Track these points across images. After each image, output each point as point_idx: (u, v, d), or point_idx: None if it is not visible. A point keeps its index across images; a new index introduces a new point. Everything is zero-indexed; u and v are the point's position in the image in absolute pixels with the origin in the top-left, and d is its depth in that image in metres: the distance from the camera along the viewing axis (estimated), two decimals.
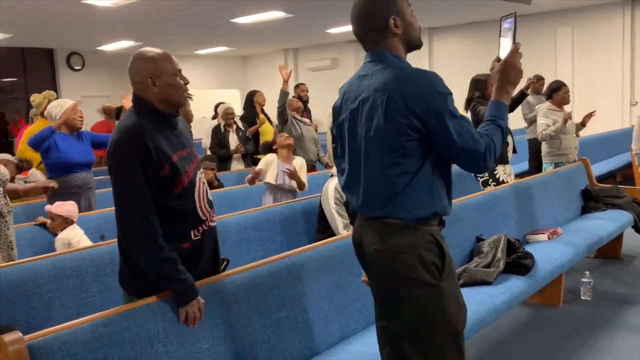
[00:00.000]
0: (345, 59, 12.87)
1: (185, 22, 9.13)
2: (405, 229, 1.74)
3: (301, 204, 3.95)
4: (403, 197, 1.73)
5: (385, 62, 1.79)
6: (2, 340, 1.63)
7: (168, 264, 1.90)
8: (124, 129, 1.92)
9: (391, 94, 1.70)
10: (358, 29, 1.88)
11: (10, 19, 8.14)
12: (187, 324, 1.96)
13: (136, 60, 1.98)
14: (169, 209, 1.94)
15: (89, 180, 3.93)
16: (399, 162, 1.72)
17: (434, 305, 1.74)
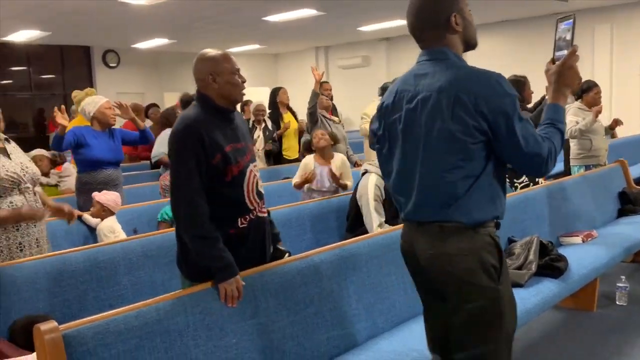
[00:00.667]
0: (376, 57, 12.81)
1: (218, 20, 9.22)
2: (464, 232, 1.71)
3: (330, 202, 3.95)
4: (464, 201, 1.69)
5: (447, 60, 1.75)
6: (39, 329, 1.68)
7: (208, 241, 2.02)
8: (182, 119, 2.09)
9: (459, 94, 1.65)
10: (416, 25, 1.82)
11: (50, 18, 8.37)
12: (226, 302, 2.04)
13: (199, 60, 2.16)
14: (220, 195, 2.07)
15: (116, 176, 4.01)
16: (462, 165, 1.68)
17: (491, 310, 1.72)
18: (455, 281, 1.72)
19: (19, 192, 2.61)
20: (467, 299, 1.72)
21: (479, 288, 1.70)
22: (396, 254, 2.71)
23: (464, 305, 1.72)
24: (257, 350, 2.09)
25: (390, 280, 2.65)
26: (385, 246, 2.70)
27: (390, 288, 2.63)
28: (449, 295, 1.76)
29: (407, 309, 2.66)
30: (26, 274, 2.52)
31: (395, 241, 2.73)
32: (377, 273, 2.60)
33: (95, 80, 12.13)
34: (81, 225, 3.61)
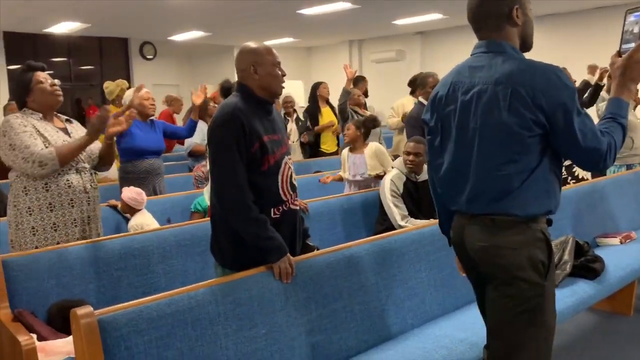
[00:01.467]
0: (411, 51, 12.67)
1: (254, 13, 9.27)
2: (516, 226, 1.71)
3: (361, 196, 3.94)
4: (518, 194, 1.69)
5: (504, 53, 1.74)
6: (75, 314, 1.73)
7: (259, 223, 2.07)
8: (224, 107, 2.13)
9: (516, 87, 1.64)
10: (477, 13, 1.80)
11: (90, 10, 8.55)
12: (282, 279, 2.11)
13: (242, 51, 2.20)
14: (255, 184, 2.10)
15: (158, 166, 4.08)
16: (517, 158, 1.67)
17: (536, 305, 1.72)
18: (503, 274, 1.72)
19: (75, 172, 2.69)
20: (513, 292, 1.72)
21: (526, 283, 1.70)
22: (427, 250, 2.70)
23: (509, 299, 1.73)
24: (285, 341, 2.10)
25: (421, 277, 2.63)
26: (417, 242, 2.68)
27: (420, 284, 2.62)
28: (496, 287, 1.76)
29: (437, 306, 2.64)
30: (64, 259, 2.59)
31: (427, 237, 2.73)
32: (407, 269, 2.59)
33: (132, 71, 12.36)
34: (116, 214, 3.69)
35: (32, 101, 2.68)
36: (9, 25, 10.02)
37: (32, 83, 2.67)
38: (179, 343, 1.85)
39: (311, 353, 2.16)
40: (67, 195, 2.65)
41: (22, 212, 2.61)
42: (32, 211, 2.61)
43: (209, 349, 1.91)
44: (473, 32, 1.86)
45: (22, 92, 2.68)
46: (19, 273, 2.49)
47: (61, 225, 2.66)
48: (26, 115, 2.64)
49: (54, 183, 2.62)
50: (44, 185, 2.61)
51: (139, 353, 1.78)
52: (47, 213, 2.63)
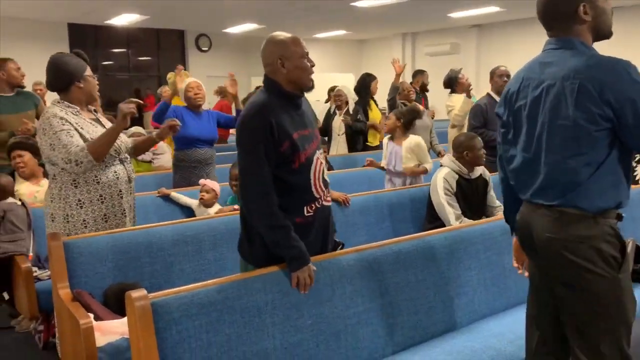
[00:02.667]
0: (466, 44, 12.41)
1: (308, 6, 9.30)
2: (584, 220, 1.72)
3: (410, 192, 3.90)
4: (586, 187, 1.70)
5: (574, 50, 1.75)
6: (130, 296, 1.79)
7: (282, 230, 2.01)
8: (252, 105, 2.05)
9: (583, 82, 1.66)
10: (544, 14, 1.84)
11: (149, 2, 8.80)
12: (299, 289, 2.06)
13: (268, 44, 2.11)
14: (286, 182, 2.04)
15: (210, 155, 4.17)
16: (585, 151, 1.69)
17: (610, 298, 1.71)
18: (572, 267, 1.73)
19: (120, 162, 2.77)
20: (584, 286, 1.72)
21: (597, 275, 1.70)
22: (478, 248, 2.65)
23: (580, 292, 1.73)
24: (331, 333, 2.11)
25: (470, 275, 2.58)
26: (467, 240, 2.63)
27: (469, 283, 2.57)
28: (565, 280, 1.77)
29: (486, 306, 2.59)
30: (120, 243, 2.69)
31: (478, 236, 2.68)
32: (456, 267, 2.54)
33: (188, 63, 12.65)
34: (170, 201, 3.79)
35: (80, 89, 2.68)
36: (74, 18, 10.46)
37: (86, 72, 2.71)
38: (228, 329, 1.90)
39: (356, 346, 2.16)
40: (115, 186, 2.71)
41: (72, 205, 2.65)
42: (82, 204, 2.65)
43: (256, 337, 1.94)
44: (531, 25, 1.87)
45: (72, 76, 2.66)
46: (79, 255, 2.60)
47: (111, 216, 2.74)
48: (64, 109, 2.65)
49: (104, 175, 2.67)
50: (94, 177, 2.65)
51: (189, 337, 1.83)
52: (98, 205, 2.68)
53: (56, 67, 2.68)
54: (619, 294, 1.72)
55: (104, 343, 2.24)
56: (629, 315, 1.75)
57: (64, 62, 2.68)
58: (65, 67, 2.68)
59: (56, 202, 2.67)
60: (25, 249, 3.29)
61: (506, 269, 2.73)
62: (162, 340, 1.79)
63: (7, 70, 4.25)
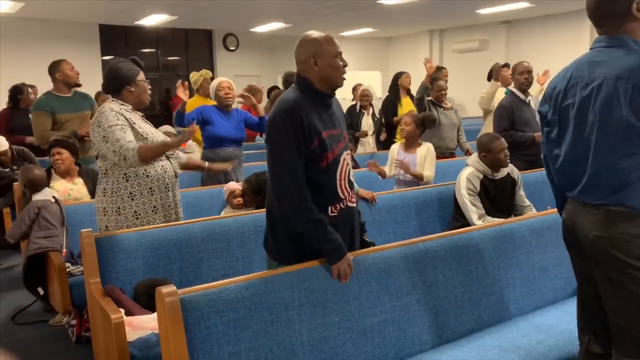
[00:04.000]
0: (495, 41, 12.23)
1: (335, 4, 9.29)
2: (631, 218, 1.72)
3: (437, 190, 3.87)
4: (636, 187, 1.70)
5: (627, 48, 1.73)
6: (160, 292, 1.83)
7: (318, 224, 2.02)
8: (283, 102, 2.06)
9: (638, 82, 1.64)
10: (595, 11, 1.82)
11: (178, 2, 8.92)
12: (340, 279, 2.09)
13: (301, 42, 2.11)
14: (312, 181, 2.04)
15: (237, 154, 4.22)
16: (636, 152, 1.68)
17: None
18: (619, 265, 1.73)
19: (166, 158, 2.88)
20: (628, 284, 1.72)
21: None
22: (507, 247, 2.62)
23: (626, 290, 1.73)
24: (357, 331, 2.11)
25: (499, 275, 2.55)
26: (495, 239, 2.60)
27: (498, 282, 2.54)
28: (612, 278, 1.77)
29: (514, 305, 2.56)
30: (150, 240, 2.75)
31: (506, 235, 2.65)
32: (485, 266, 2.52)
33: (216, 62, 12.77)
34: (200, 198, 3.84)
35: (131, 93, 2.81)
36: (104, 19, 10.66)
37: (138, 77, 2.83)
38: (255, 325, 1.92)
39: (383, 344, 2.16)
40: (163, 180, 2.82)
41: (124, 198, 2.76)
42: (134, 196, 2.76)
43: (283, 333, 1.96)
44: (561, 20, 1.85)
45: (124, 81, 2.79)
46: (110, 251, 2.66)
47: (160, 208, 2.84)
48: (118, 105, 2.78)
49: (152, 169, 2.79)
50: (144, 171, 2.76)
51: (218, 333, 1.85)
52: (148, 197, 2.79)
53: (110, 72, 2.83)
54: None
55: (135, 337, 2.29)
56: None
57: (117, 68, 2.82)
58: (119, 72, 2.81)
59: (108, 196, 2.77)
60: (59, 245, 3.37)
61: (535, 268, 2.69)
62: (191, 336, 1.82)
63: (62, 71, 4.41)
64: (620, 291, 1.75)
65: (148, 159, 2.68)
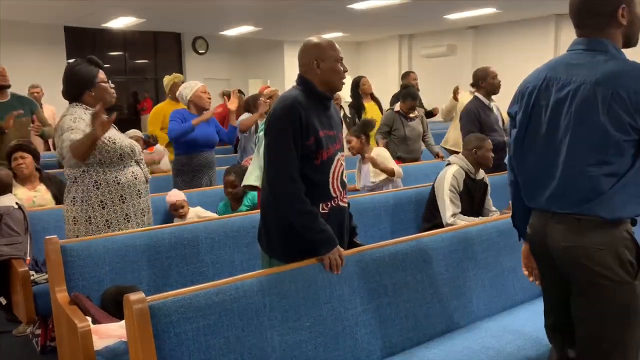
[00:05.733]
0: (462, 46, 12.43)
1: (304, 9, 9.30)
2: (601, 227, 1.68)
3: (408, 193, 3.90)
4: (608, 197, 1.66)
5: (607, 53, 1.69)
6: (128, 299, 1.79)
7: (310, 215, 2.09)
8: (284, 99, 2.14)
9: (617, 89, 1.60)
10: (579, 10, 1.76)
11: (145, 5, 8.80)
12: (332, 270, 2.13)
13: (306, 45, 2.22)
14: (306, 178, 2.11)
15: (212, 159, 4.18)
16: (610, 161, 1.64)
17: (626, 305, 1.69)
18: (590, 275, 1.70)
19: (136, 163, 2.83)
20: (603, 293, 1.69)
21: (615, 283, 1.67)
22: (476, 249, 2.66)
23: (599, 299, 1.70)
24: (329, 335, 2.11)
25: (469, 276, 2.59)
26: (464, 240, 2.64)
27: (467, 284, 2.57)
28: (583, 288, 1.74)
29: (484, 307, 2.60)
30: (118, 246, 2.69)
31: (475, 237, 2.68)
32: (454, 268, 2.55)
33: (185, 66, 12.66)
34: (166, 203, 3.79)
35: (91, 96, 2.75)
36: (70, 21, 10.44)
37: (97, 79, 2.75)
38: (226, 332, 1.89)
39: (355, 347, 2.16)
40: (135, 186, 2.78)
41: (95, 207, 2.70)
42: (105, 204, 2.71)
43: (254, 339, 1.94)
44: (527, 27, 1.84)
45: (84, 85, 2.73)
46: (76, 258, 2.59)
47: (132, 216, 2.79)
48: (82, 110, 2.71)
49: (123, 176, 2.74)
50: (115, 178, 2.72)
51: (188, 340, 1.82)
52: (120, 205, 2.74)
53: (67, 78, 2.76)
54: (636, 300, 1.69)
55: (102, 346, 2.23)
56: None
57: (73, 73, 2.76)
58: (76, 76, 2.75)
59: (78, 204, 2.72)
60: (23, 252, 3.28)
61: (504, 269, 2.73)
62: (161, 343, 1.79)
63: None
64: (589, 301, 1.73)
65: (80, 154, 2.60)
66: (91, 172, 2.69)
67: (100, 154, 2.68)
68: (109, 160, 2.71)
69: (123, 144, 2.74)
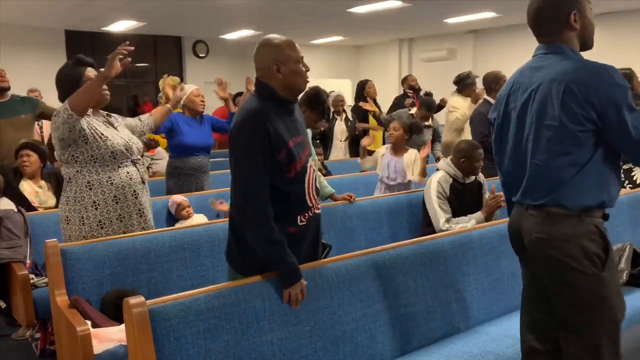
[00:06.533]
0: (462, 50, 12.45)
1: (305, 12, 9.32)
2: (568, 219, 1.77)
3: (408, 197, 3.91)
4: (570, 186, 1.76)
5: (563, 54, 1.82)
6: (128, 303, 1.79)
7: (276, 246, 1.94)
8: (247, 112, 1.96)
9: (569, 84, 1.73)
10: (536, 20, 1.91)
11: (146, 9, 8.82)
12: (290, 305, 2.03)
13: (262, 47, 2.03)
14: (281, 192, 1.97)
15: (205, 163, 4.17)
16: (569, 151, 1.75)
17: (595, 295, 1.76)
18: (557, 265, 1.78)
19: (132, 164, 2.79)
20: (570, 283, 1.78)
21: (581, 273, 1.75)
22: (476, 253, 2.66)
23: (567, 289, 1.80)
24: (329, 339, 2.11)
25: (468, 280, 2.58)
26: (465, 245, 2.64)
27: (467, 288, 2.57)
28: (552, 278, 1.82)
29: (484, 311, 2.60)
30: (118, 250, 2.69)
31: (475, 241, 2.68)
32: (454, 272, 2.55)
33: (185, 69, 12.66)
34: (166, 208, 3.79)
35: None
36: (71, 24, 10.46)
37: (82, 78, 2.72)
38: (226, 336, 1.89)
39: (354, 352, 2.16)
40: (129, 187, 2.74)
41: (88, 207, 2.68)
42: (97, 205, 2.69)
43: (254, 343, 1.94)
44: (526, 30, 1.97)
45: (71, 86, 2.67)
46: (76, 262, 2.59)
47: (126, 217, 2.76)
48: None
49: (117, 176, 2.71)
50: (108, 179, 2.69)
51: (187, 344, 1.82)
52: (113, 206, 2.71)
53: (57, 83, 2.74)
54: (605, 291, 1.76)
55: (102, 350, 2.23)
56: (616, 313, 1.80)
57: (62, 75, 2.74)
58: (64, 79, 2.73)
59: (71, 204, 2.70)
60: (23, 256, 3.28)
61: (504, 273, 2.73)
62: (160, 347, 1.79)
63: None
64: (561, 291, 1.82)
65: (80, 104, 2.52)
66: (84, 172, 2.67)
67: (91, 150, 2.64)
68: (101, 157, 2.67)
69: (115, 142, 2.70)
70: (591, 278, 1.75)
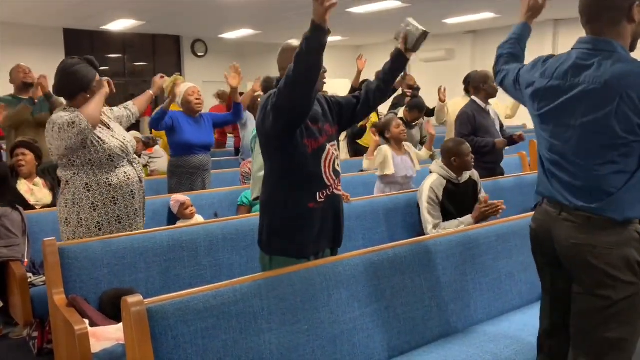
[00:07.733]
0: (461, 50, 12.47)
1: (304, 12, 9.29)
2: (612, 227, 1.70)
3: (406, 197, 3.90)
4: (618, 197, 1.68)
5: (615, 53, 1.70)
6: (126, 302, 1.78)
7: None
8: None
9: (627, 91, 1.62)
10: (594, 4, 1.75)
11: (145, 8, 8.81)
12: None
13: (284, 50, 2.26)
14: (301, 167, 2.14)
15: (206, 162, 4.17)
16: (618, 160, 1.67)
17: (630, 304, 1.70)
18: (596, 273, 1.71)
19: (128, 164, 2.79)
20: (606, 293, 1.70)
21: (620, 283, 1.68)
22: (473, 253, 2.66)
23: (602, 299, 1.71)
24: (327, 338, 2.11)
25: (466, 281, 2.59)
26: (462, 245, 2.64)
27: (465, 288, 2.57)
28: (587, 285, 1.75)
29: (482, 311, 2.60)
30: (116, 249, 2.69)
31: (472, 241, 2.68)
32: (452, 272, 2.55)
33: (184, 68, 12.64)
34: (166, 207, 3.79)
35: (86, 98, 2.67)
36: (69, 23, 10.44)
37: (94, 82, 2.71)
38: (224, 335, 1.89)
39: (352, 351, 2.16)
40: (127, 187, 2.75)
41: (86, 209, 2.68)
42: (96, 207, 2.69)
43: (252, 342, 1.94)
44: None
45: (81, 86, 2.66)
46: (74, 261, 2.59)
47: (124, 217, 2.76)
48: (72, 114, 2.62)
49: (115, 177, 2.71)
50: (106, 180, 2.69)
51: (185, 343, 1.82)
52: (112, 207, 2.71)
53: (65, 75, 2.68)
54: (636, 300, 1.70)
55: (99, 349, 2.23)
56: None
57: (73, 71, 2.68)
58: (74, 76, 2.68)
59: (70, 206, 2.70)
60: (20, 254, 3.27)
61: (502, 274, 2.73)
62: (158, 346, 1.78)
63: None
64: (592, 298, 1.74)
65: (96, 117, 2.61)
66: (82, 174, 2.67)
67: (89, 154, 2.65)
68: (98, 161, 2.67)
69: (112, 145, 2.70)
70: (629, 287, 1.68)
